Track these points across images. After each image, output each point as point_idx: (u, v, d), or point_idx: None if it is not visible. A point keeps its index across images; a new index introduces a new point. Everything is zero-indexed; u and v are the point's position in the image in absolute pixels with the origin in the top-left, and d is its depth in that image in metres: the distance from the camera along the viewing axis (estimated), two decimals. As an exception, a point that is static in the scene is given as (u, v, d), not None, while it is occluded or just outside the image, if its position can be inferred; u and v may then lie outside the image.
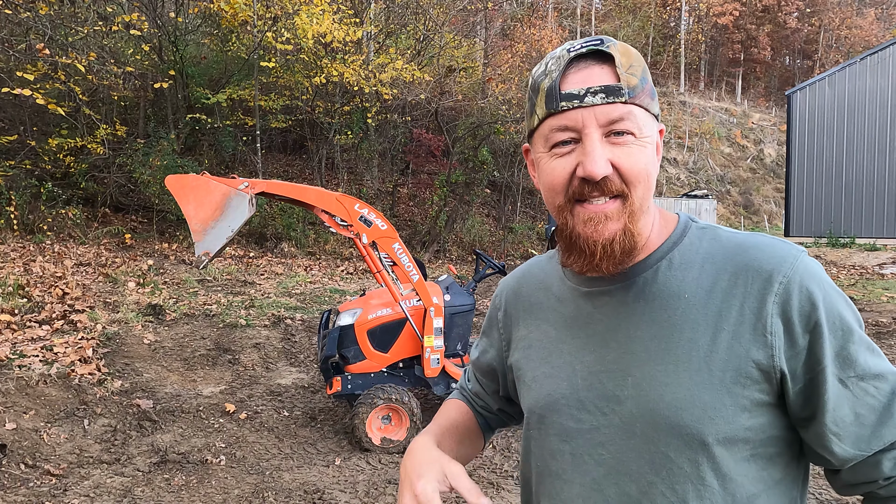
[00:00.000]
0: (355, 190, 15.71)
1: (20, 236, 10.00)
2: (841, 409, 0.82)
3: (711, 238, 0.90)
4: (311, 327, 7.42)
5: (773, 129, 38.11)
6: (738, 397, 0.82)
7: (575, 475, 0.91)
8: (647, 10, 43.41)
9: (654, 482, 0.85)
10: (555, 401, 0.93)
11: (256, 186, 4.05)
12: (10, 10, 9.38)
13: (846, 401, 0.82)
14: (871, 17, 47.66)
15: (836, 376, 0.82)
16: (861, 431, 0.83)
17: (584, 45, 0.85)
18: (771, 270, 0.83)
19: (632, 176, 0.84)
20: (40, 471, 3.93)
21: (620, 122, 0.83)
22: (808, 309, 0.82)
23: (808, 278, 0.83)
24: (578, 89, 0.83)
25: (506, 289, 1.11)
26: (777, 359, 0.82)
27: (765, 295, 0.83)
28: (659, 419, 0.84)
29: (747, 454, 0.84)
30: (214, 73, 15.06)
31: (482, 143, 16.72)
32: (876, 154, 19.27)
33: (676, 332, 0.85)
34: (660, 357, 0.85)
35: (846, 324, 0.83)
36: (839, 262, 15.50)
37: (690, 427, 0.82)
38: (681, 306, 0.86)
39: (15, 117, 12.08)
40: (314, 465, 4.25)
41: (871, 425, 0.82)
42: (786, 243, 0.87)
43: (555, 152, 0.86)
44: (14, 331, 5.87)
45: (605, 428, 0.88)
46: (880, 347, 7.22)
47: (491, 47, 19.54)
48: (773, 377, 0.82)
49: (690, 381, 0.83)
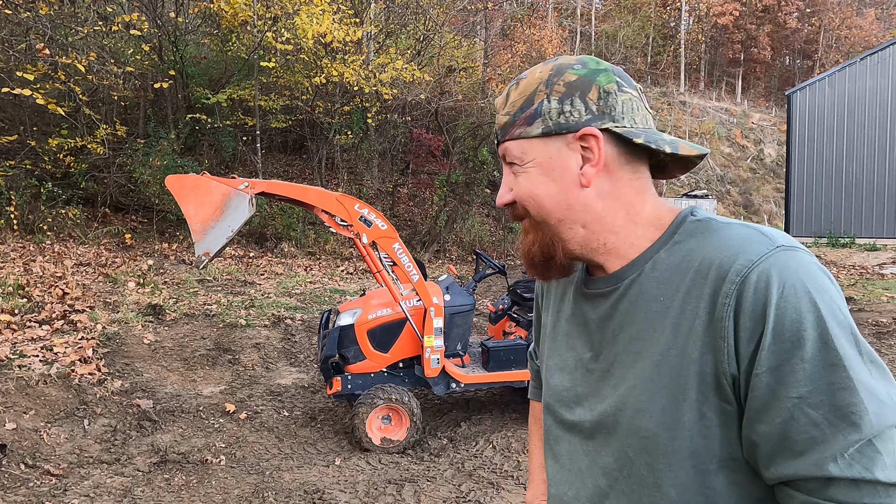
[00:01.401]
0: (355, 190, 15.70)
1: (20, 236, 10.00)
2: (767, 424, 0.75)
3: (700, 233, 0.86)
4: (311, 327, 7.42)
5: (773, 129, 38.11)
6: (696, 404, 0.79)
7: (568, 462, 0.97)
8: (647, 10, 43.40)
9: (618, 479, 0.88)
10: (559, 392, 1.00)
11: (256, 186, 4.05)
12: (10, 10, 9.38)
13: (776, 417, 0.74)
14: (871, 17, 47.65)
15: (769, 387, 0.74)
16: (782, 454, 0.75)
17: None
18: (729, 268, 0.78)
19: (519, 201, 0.93)
20: (40, 471, 3.93)
21: (505, 156, 0.94)
22: (759, 312, 0.75)
23: (769, 277, 0.75)
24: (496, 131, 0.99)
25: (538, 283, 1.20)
26: (727, 364, 0.77)
27: (718, 294, 0.78)
28: (623, 420, 0.86)
29: (713, 466, 0.80)
30: (214, 73, 15.05)
31: (482, 143, 16.72)
32: (876, 154, 19.26)
33: (647, 335, 0.85)
34: (632, 359, 0.87)
35: (799, 337, 0.73)
36: (839, 262, 15.50)
37: (648, 431, 0.82)
38: (655, 309, 0.85)
39: (15, 117, 12.07)
40: (314, 465, 4.25)
41: (796, 453, 0.74)
42: (765, 237, 0.80)
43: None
44: (14, 331, 5.87)
45: (590, 423, 0.92)
46: (880, 347, 7.17)
47: (491, 47, 19.53)
48: (726, 384, 0.77)
49: (652, 384, 0.83)
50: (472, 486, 3.90)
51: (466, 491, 3.84)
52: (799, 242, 0.82)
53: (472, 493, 3.81)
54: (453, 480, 3.99)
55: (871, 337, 7.31)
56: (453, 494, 3.81)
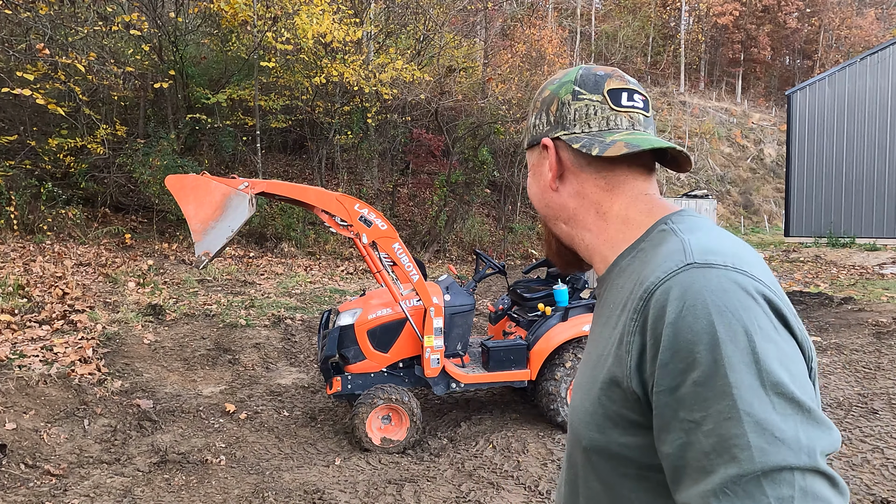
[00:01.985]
0: (355, 190, 15.70)
1: (20, 236, 10.00)
2: (667, 445, 0.73)
3: (657, 244, 0.86)
4: (311, 327, 7.42)
5: (773, 129, 38.10)
6: (607, 409, 0.82)
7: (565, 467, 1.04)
8: (647, 10, 43.39)
9: (576, 482, 0.94)
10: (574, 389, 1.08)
11: (256, 186, 4.05)
12: (10, 10, 9.38)
13: (674, 438, 0.72)
14: (871, 17, 47.64)
15: (669, 407, 0.72)
16: (678, 479, 0.72)
17: None
18: (643, 283, 0.79)
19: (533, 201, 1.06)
20: (40, 471, 3.93)
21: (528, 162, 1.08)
22: (658, 330, 0.74)
23: (668, 295, 0.74)
24: None
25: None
26: (629, 379, 0.77)
27: (629, 308, 0.80)
28: (571, 423, 0.93)
29: (633, 472, 0.81)
30: (214, 73, 15.05)
31: (482, 143, 16.72)
32: (876, 154, 19.26)
33: (596, 340, 0.92)
34: (586, 360, 0.95)
35: (692, 359, 0.70)
36: (839, 262, 15.50)
37: (581, 433, 0.88)
38: (607, 315, 0.91)
39: (15, 117, 12.07)
40: (314, 465, 4.25)
41: (689, 479, 0.70)
42: (682, 253, 0.78)
43: None
44: (14, 331, 5.86)
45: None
46: (880, 347, 7.13)
47: (491, 47, 19.52)
48: (632, 397, 0.77)
49: (585, 386, 0.90)
50: (472, 486, 3.90)
51: (466, 491, 3.84)
52: (736, 258, 0.77)
53: (472, 493, 3.81)
54: (453, 480, 3.99)
55: (871, 337, 7.31)
56: (453, 494, 3.80)
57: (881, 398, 5.32)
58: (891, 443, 4.42)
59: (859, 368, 6.17)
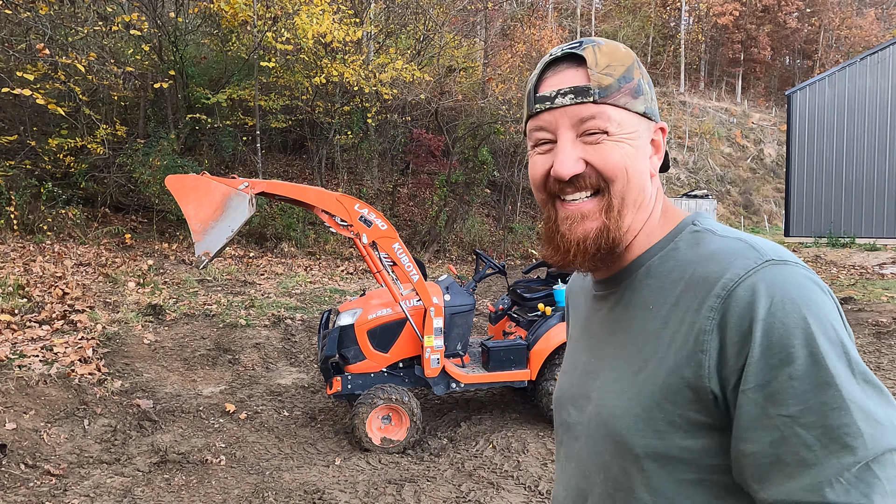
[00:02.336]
0: (355, 190, 15.70)
1: (20, 236, 10.00)
2: (756, 444, 0.73)
3: (696, 244, 0.86)
4: (311, 327, 7.42)
5: (773, 129, 38.11)
6: (669, 414, 0.79)
7: (566, 463, 0.98)
8: (647, 10, 43.40)
9: (596, 482, 0.89)
10: (562, 394, 1.02)
11: (256, 186, 4.05)
12: (10, 10, 9.38)
13: (766, 436, 0.72)
14: (871, 17, 47.65)
15: (758, 405, 0.72)
16: (776, 476, 0.72)
17: (564, 48, 0.89)
18: (715, 282, 0.77)
19: (606, 171, 0.85)
20: (40, 471, 3.93)
21: (591, 121, 0.85)
22: (745, 327, 0.73)
23: (755, 292, 0.74)
24: (550, 91, 0.87)
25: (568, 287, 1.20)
26: (706, 379, 0.76)
27: (702, 308, 0.77)
28: (601, 423, 0.87)
29: (692, 477, 0.79)
30: (214, 73, 15.05)
31: (482, 143, 16.72)
32: (876, 154, 19.26)
33: (632, 342, 0.87)
34: (615, 364, 0.88)
35: (787, 353, 0.71)
36: (839, 262, 15.50)
37: (623, 436, 0.83)
38: (642, 317, 0.86)
39: (15, 117, 12.07)
40: (314, 465, 4.25)
41: (790, 475, 0.71)
42: (755, 251, 0.78)
43: (536, 150, 0.91)
44: (14, 331, 5.86)
45: (580, 425, 0.93)
46: (880, 347, 7.15)
47: (491, 47, 19.53)
48: (706, 398, 0.76)
49: (630, 391, 0.84)
50: (472, 486, 3.90)
51: (466, 491, 3.84)
52: (793, 255, 0.79)
53: (472, 493, 3.81)
54: (453, 480, 3.99)
55: (871, 337, 7.30)
56: (453, 494, 3.80)
57: (881, 398, 5.31)
58: (891, 443, 4.41)
59: (859, 368, 6.16)
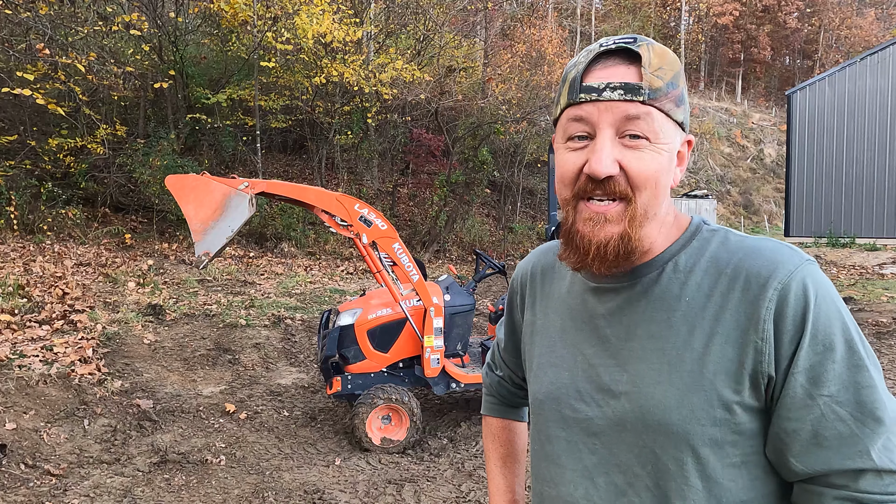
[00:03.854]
0: (355, 190, 15.70)
1: (20, 236, 10.00)
2: (799, 422, 0.81)
3: (720, 242, 0.90)
4: (311, 327, 7.42)
5: (773, 129, 38.09)
6: (727, 401, 0.83)
7: (569, 461, 0.94)
8: (647, 10, 43.38)
9: (640, 475, 0.88)
10: (556, 388, 0.97)
11: (256, 186, 4.05)
12: (10, 10, 9.37)
13: (808, 414, 0.81)
14: (871, 17, 47.62)
15: (803, 387, 0.81)
16: (814, 450, 0.81)
17: (617, 41, 0.86)
18: (768, 276, 0.83)
19: (639, 180, 0.84)
20: (40, 471, 3.93)
21: (636, 121, 0.83)
22: (799, 317, 0.81)
23: (806, 287, 0.82)
24: (598, 83, 0.84)
25: (522, 271, 1.14)
26: (766, 364, 0.82)
27: (759, 300, 0.83)
28: (648, 416, 0.86)
29: (737, 460, 0.84)
30: (214, 73, 15.04)
31: (482, 143, 16.72)
32: (876, 154, 19.25)
33: (672, 334, 0.87)
34: (654, 356, 0.87)
35: (830, 341, 0.81)
36: (839, 262, 15.49)
37: (677, 427, 0.84)
38: (680, 308, 0.87)
39: (15, 117, 12.06)
40: (314, 465, 4.25)
41: (828, 448, 0.81)
42: (794, 250, 0.87)
43: (569, 145, 0.88)
44: (14, 331, 5.86)
45: (599, 419, 0.91)
46: (880, 347, 7.17)
47: (491, 47, 19.52)
48: (761, 382, 0.82)
49: (681, 382, 0.84)
50: (472, 486, 3.90)
51: (466, 491, 3.84)
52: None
53: (472, 493, 3.81)
54: (453, 480, 3.99)
55: (871, 337, 7.31)
56: (453, 494, 3.80)
57: (881, 398, 5.32)
58: (891, 443, 4.42)
59: (859, 368, 6.17)
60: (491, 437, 1.27)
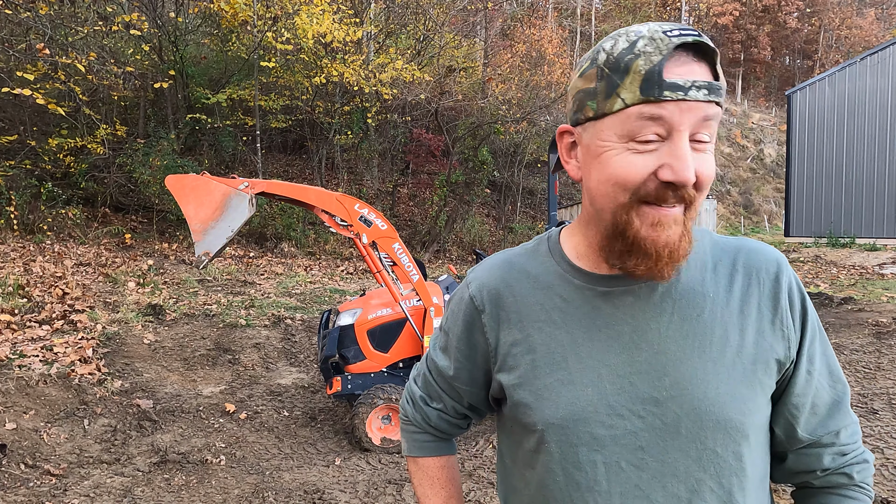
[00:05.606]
0: (355, 190, 15.70)
1: (20, 236, 10.00)
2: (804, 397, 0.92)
3: (710, 239, 0.95)
4: (311, 327, 7.42)
5: (773, 129, 38.10)
6: (765, 388, 0.89)
7: (612, 485, 0.85)
8: (647, 10, 43.40)
9: (702, 479, 0.84)
10: (580, 409, 0.86)
11: (256, 186, 4.05)
12: (10, 10, 9.38)
13: (809, 390, 0.92)
14: (871, 17, 47.64)
15: (805, 367, 0.91)
16: (813, 419, 0.93)
17: (684, 32, 0.78)
18: (776, 271, 0.92)
19: (704, 184, 0.80)
20: (40, 471, 3.93)
21: (709, 123, 0.79)
22: (801, 307, 0.92)
23: (797, 279, 0.94)
24: (685, 81, 0.76)
25: (479, 288, 0.98)
26: (792, 350, 0.90)
27: (778, 294, 0.91)
28: (705, 416, 0.83)
29: (763, 439, 0.92)
30: (214, 73, 15.05)
31: (482, 143, 16.73)
32: (876, 154, 19.25)
33: (708, 330, 0.87)
34: (696, 355, 0.85)
35: (815, 324, 0.93)
36: (839, 262, 15.49)
37: (735, 420, 0.85)
38: (708, 305, 0.89)
39: (15, 117, 12.07)
40: (314, 465, 4.25)
41: (822, 415, 0.93)
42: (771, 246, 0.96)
43: (633, 147, 0.79)
44: (14, 331, 5.87)
45: (644, 431, 0.84)
46: (880, 347, 7.15)
47: (491, 47, 19.54)
48: (784, 367, 0.90)
49: (729, 376, 0.85)
50: (472, 486, 3.90)
51: (466, 491, 3.84)
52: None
53: (472, 493, 3.81)
54: (453, 480, 3.99)
55: (871, 337, 7.30)
56: (453, 494, 3.80)
57: (881, 398, 5.32)
58: (891, 443, 4.42)
59: (859, 368, 6.17)
60: (429, 481, 1.10)
